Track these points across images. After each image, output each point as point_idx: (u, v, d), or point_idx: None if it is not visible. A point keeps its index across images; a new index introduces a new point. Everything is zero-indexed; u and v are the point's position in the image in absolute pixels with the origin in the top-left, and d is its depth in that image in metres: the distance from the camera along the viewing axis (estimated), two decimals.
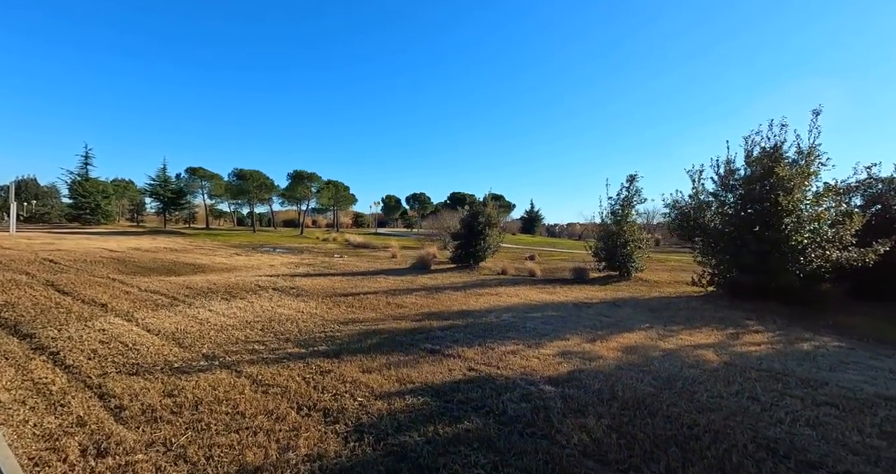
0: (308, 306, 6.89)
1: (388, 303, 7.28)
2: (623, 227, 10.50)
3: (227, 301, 7.15)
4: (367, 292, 8.53)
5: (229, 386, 3.46)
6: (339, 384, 3.54)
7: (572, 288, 9.50)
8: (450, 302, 7.53)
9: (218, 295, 7.67)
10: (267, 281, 9.72)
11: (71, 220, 43.07)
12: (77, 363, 3.93)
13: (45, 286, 8.16)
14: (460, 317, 6.31)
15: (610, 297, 8.21)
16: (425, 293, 8.49)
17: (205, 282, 9.11)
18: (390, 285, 9.63)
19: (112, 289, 8.00)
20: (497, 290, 8.89)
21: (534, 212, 73.37)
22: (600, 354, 4.35)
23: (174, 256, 15.63)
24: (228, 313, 6.18)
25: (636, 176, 10.56)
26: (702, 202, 8.74)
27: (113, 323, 5.39)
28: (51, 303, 6.54)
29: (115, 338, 4.71)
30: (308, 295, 8.03)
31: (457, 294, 8.43)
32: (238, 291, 8.14)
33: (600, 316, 6.41)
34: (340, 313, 6.42)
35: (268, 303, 7.09)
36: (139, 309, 6.28)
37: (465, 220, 13.41)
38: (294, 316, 6.12)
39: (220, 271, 11.71)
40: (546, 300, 7.84)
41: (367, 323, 5.84)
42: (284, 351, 4.46)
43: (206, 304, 6.78)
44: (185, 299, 7.16)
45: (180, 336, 4.91)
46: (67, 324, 5.25)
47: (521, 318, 6.15)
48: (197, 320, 5.69)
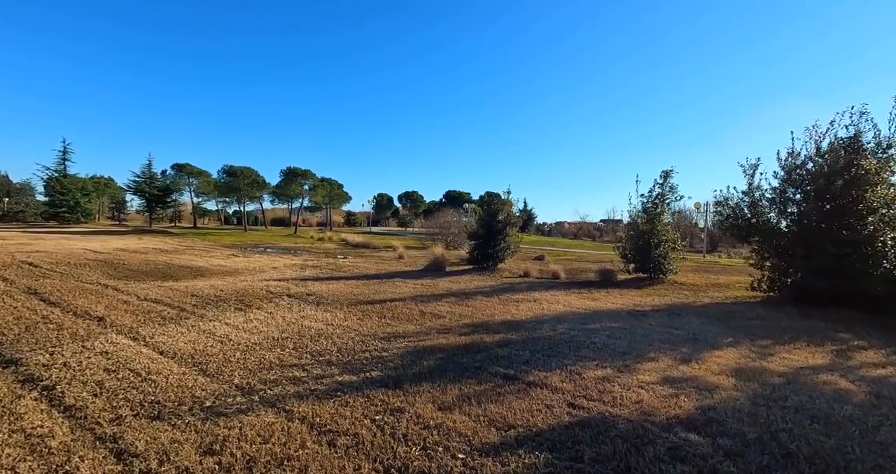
0: (335, 317, 6.12)
1: (423, 313, 6.54)
2: (656, 227, 9.93)
3: (242, 312, 6.33)
4: (391, 299, 7.78)
5: (284, 436, 2.71)
6: (422, 429, 2.81)
7: (609, 292, 8.88)
8: (489, 310, 6.83)
9: (229, 304, 6.84)
10: (277, 286, 8.89)
11: (48, 219, 41.05)
12: (80, 402, 3.11)
13: (26, 294, 7.20)
14: (510, 329, 5.62)
15: (661, 304, 7.60)
16: (456, 300, 7.78)
17: (210, 289, 8.23)
18: (413, 290, 8.89)
19: (106, 297, 7.09)
20: (532, 296, 8.22)
21: (527, 210, 73.08)
22: (711, 382, 3.69)
23: (167, 258, 14.60)
24: (249, 328, 5.37)
25: (671, 171, 10.00)
26: (757, 199, 8.15)
27: (116, 343, 4.55)
28: (36, 316, 5.63)
29: (123, 365, 3.88)
30: (329, 303, 7.25)
31: (490, 300, 7.74)
32: (251, 299, 7.31)
33: (668, 328, 5.78)
34: (375, 326, 5.67)
35: (289, 313, 6.29)
36: (144, 323, 5.43)
37: (483, 219, 12.72)
38: (325, 330, 5.35)
39: (221, 275, 10.80)
40: (593, 307, 7.19)
41: (411, 338, 5.11)
42: (332, 378, 3.71)
43: (219, 316, 5.96)
44: (194, 310, 6.31)
45: (201, 359, 4.11)
46: (61, 346, 4.39)
47: (582, 331, 5.48)
48: (215, 337, 4.88)
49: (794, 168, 7.80)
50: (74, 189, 40.48)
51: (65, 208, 39.88)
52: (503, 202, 12.73)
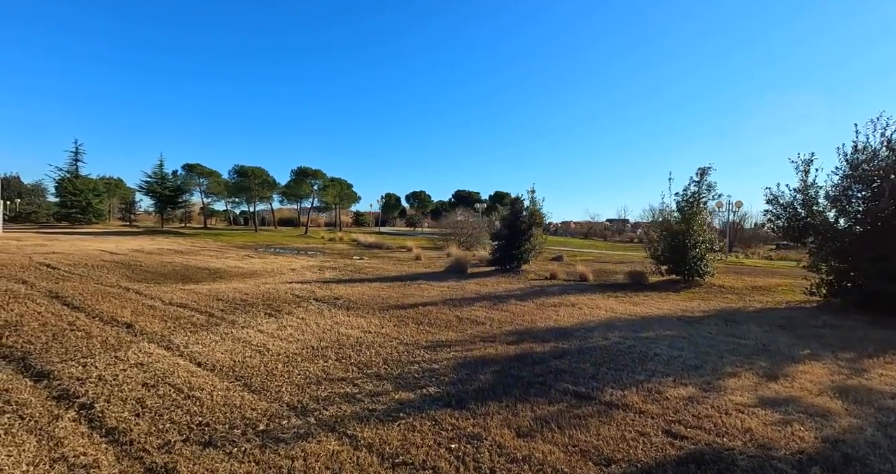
0: (370, 323, 5.81)
1: (460, 319, 6.22)
2: (692, 227, 9.51)
3: (272, 317, 6.05)
4: (422, 303, 7.47)
5: (355, 469, 2.40)
6: (509, 463, 2.49)
7: (648, 296, 8.50)
8: (528, 316, 6.49)
9: (258, 309, 6.56)
10: (301, 289, 8.62)
11: (59, 220, 41.33)
12: (123, 424, 2.83)
13: (49, 298, 6.98)
14: (559, 337, 5.28)
15: (710, 310, 7.16)
16: (489, 304, 7.45)
17: (233, 292, 7.98)
18: (441, 293, 8.57)
19: (130, 301, 6.85)
20: (568, 300, 7.87)
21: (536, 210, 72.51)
22: (818, 405, 3.28)
23: (183, 259, 14.42)
24: (284, 335, 5.08)
25: (709, 169, 9.57)
26: (811, 197, 7.65)
27: (150, 353, 4.28)
28: (62, 322, 5.39)
29: (162, 379, 3.60)
30: (360, 307, 6.95)
31: (526, 305, 7.40)
32: (278, 303, 7.04)
33: (730, 337, 5.40)
34: (414, 333, 5.36)
35: (321, 319, 6.00)
36: (174, 331, 5.16)
37: (507, 219, 12.37)
38: (364, 338, 5.05)
39: (241, 277, 10.56)
40: (638, 313, 6.82)
41: (456, 347, 4.79)
42: (388, 396, 3.40)
43: (251, 322, 5.68)
44: (223, 316, 6.04)
45: (243, 372, 3.82)
46: (93, 357, 4.12)
47: (638, 340, 5.13)
48: (252, 347, 4.60)
49: (860, 163, 7.28)
50: (86, 190, 40.69)
51: (77, 209, 40.12)
52: (517, 200, 12.27)
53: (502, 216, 12.56)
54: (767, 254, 29.81)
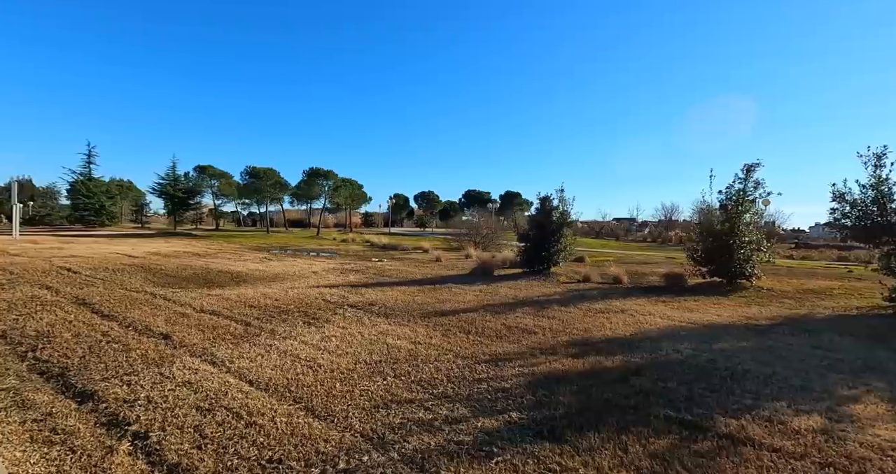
0: (416, 333, 5.46)
1: (508, 328, 5.85)
2: (737, 226, 9.02)
3: (311, 326, 5.72)
4: (461, 309, 7.11)
5: None
6: None
7: (697, 300, 8.04)
8: (578, 323, 6.09)
9: (294, 316, 6.24)
10: (331, 294, 8.30)
11: (73, 222, 41.56)
12: (186, 460, 2.49)
13: (76, 305, 6.72)
14: (624, 349, 4.89)
15: (775, 317, 6.60)
16: (532, 310, 7.06)
17: (263, 298, 7.68)
18: (477, 299, 8.21)
19: (160, 309, 6.57)
20: (613, 305, 7.46)
21: None
22: None
23: (202, 262, 14.19)
24: (330, 347, 4.74)
25: (756, 165, 9.05)
26: (885, 193, 7.11)
27: (195, 369, 3.96)
28: (96, 333, 5.10)
29: (216, 401, 3.27)
30: (398, 314, 6.61)
31: (571, 311, 7.00)
32: (313, 310, 6.71)
33: (817, 350, 4.91)
34: (467, 344, 4.99)
35: (362, 328, 5.66)
36: (214, 342, 4.84)
37: (535, 219, 11.94)
38: (416, 351, 4.69)
39: (265, 281, 10.27)
40: (697, 320, 6.38)
41: (518, 361, 4.42)
42: (469, 423, 3.03)
43: (290, 332, 5.35)
44: (260, 324, 5.72)
45: (300, 392, 3.48)
46: (136, 373, 3.81)
47: (716, 354, 4.69)
48: (300, 361, 4.26)
49: None
50: (99, 192, 40.86)
51: (90, 211, 40.31)
52: (545, 199, 11.78)
53: (530, 216, 12.14)
54: (788, 253, 29.10)
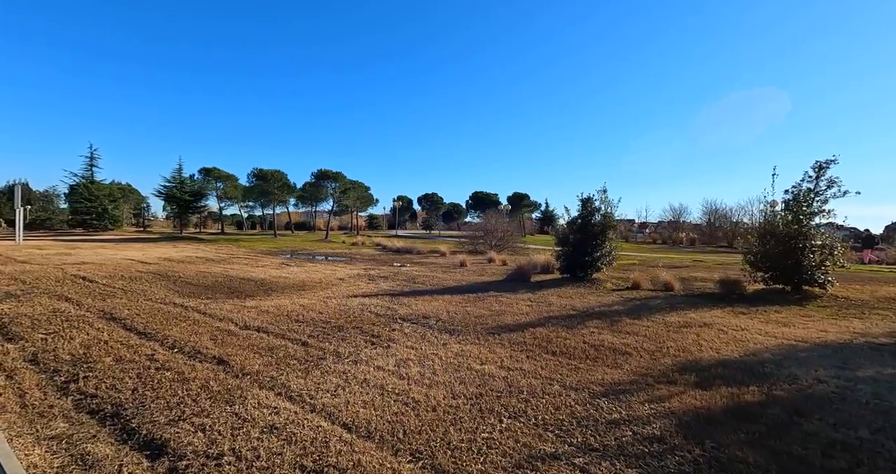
0: (497, 355, 4.85)
1: (594, 347, 5.24)
2: (808, 229, 8.42)
3: (376, 346, 5.10)
4: (524, 323, 6.52)
5: None
6: None
7: (780, 311, 7.32)
8: (670, 342, 5.47)
9: (349, 333, 5.63)
10: (374, 305, 7.69)
11: (74, 227, 40.80)
12: None
13: (106, 321, 6.10)
14: (749, 376, 4.24)
15: (894, 332, 6.05)
16: (605, 324, 6.46)
17: (304, 310, 7.07)
18: (532, 310, 7.61)
19: (199, 325, 5.95)
20: (689, 317, 6.85)
21: (549, 211, 71.67)
22: None
23: (220, 269, 13.56)
24: (412, 374, 4.13)
25: (830, 162, 8.42)
26: None
27: (274, 407, 3.34)
28: (139, 356, 4.48)
29: (320, 458, 2.65)
30: (460, 330, 6.00)
31: (649, 325, 6.39)
32: (366, 325, 6.11)
33: None
34: (564, 370, 4.38)
35: (434, 348, 5.05)
36: (278, 368, 4.23)
37: (575, 222, 11.33)
38: (513, 379, 4.08)
39: (295, 289, 9.65)
40: (805, 338, 5.66)
41: (639, 394, 3.80)
42: None
43: (356, 354, 4.74)
44: (318, 344, 5.11)
45: (412, 441, 2.87)
46: (205, 414, 3.19)
47: (875, 386, 3.98)
48: (389, 394, 3.65)
49: None
50: (102, 195, 40.15)
51: (93, 215, 39.60)
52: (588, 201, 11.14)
53: (569, 219, 11.54)
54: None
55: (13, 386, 3.71)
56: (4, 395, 3.50)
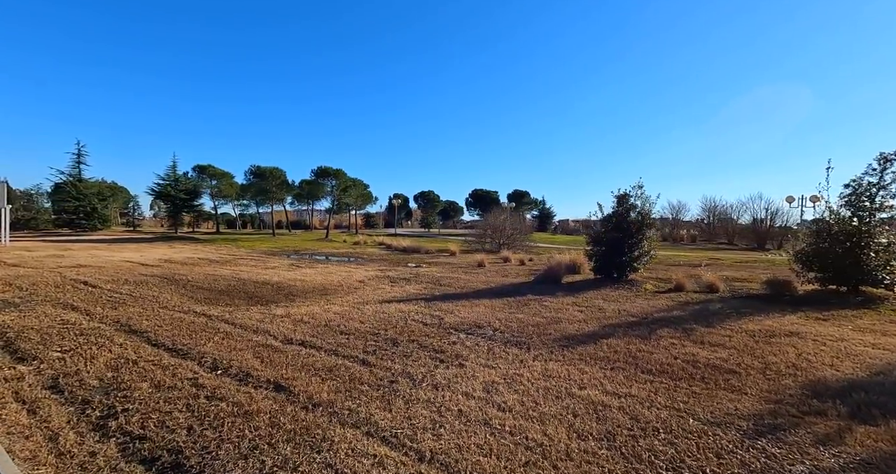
0: (589, 376, 4.25)
1: (692, 364, 4.66)
2: (870, 227, 7.94)
3: (447, 365, 4.47)
4: (590, 333, 5.94)
5: None
6: None
7: (858, 315, 6.80)
8: (769, 356, 4.90)
9: (408, 348, 4.99)
10: (414, 312, 7.07)
11: (60, 226, 39.33)
12: None
13: (125, 335, 5.38)
14: None
15: None
16: (679, 333, 5.90)
17: (342, 319, 6.42)
18: (586, 316, 7.04)
19: (233, 338, 5.26)
20: (767, 325, 6.31)
21: (546, 209, 71.49)
22: None
23: (228, 271, 12.78)
24: (511, 404, 3.52)
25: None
26: None
27: (373, 454, 2.70)
28: (180, 381, 3.80)
29: None
30: (524, 342, 5.40)
31: (731, 335, 5.82)
32: (418, 337, 5.48)
33: None
34: (682, 396, 3.79)
35: (513, 367, 4.44)
36: (350, 396, 3.58)
37: (610, 220, 10.77)
38: (634, 411, 3.49)
39: (318, 294, 8.97)
40: None
41: (796, 431, 3.20)
42: None
43: (430, 376, 4.10)
44: (380, 362, 4.46)
45: None
46: (290, 465, 2.54)
47: None
48: (498, 431, 3.03)
49: None
50: (90, 194, 38.75)
51: (80, 215, 38.18)
52: (624, 197, 10.57)
53: (604, 216, 10.98)
54: None
55: (40, 424, 3.02)
56: (33, 439, 2.81)
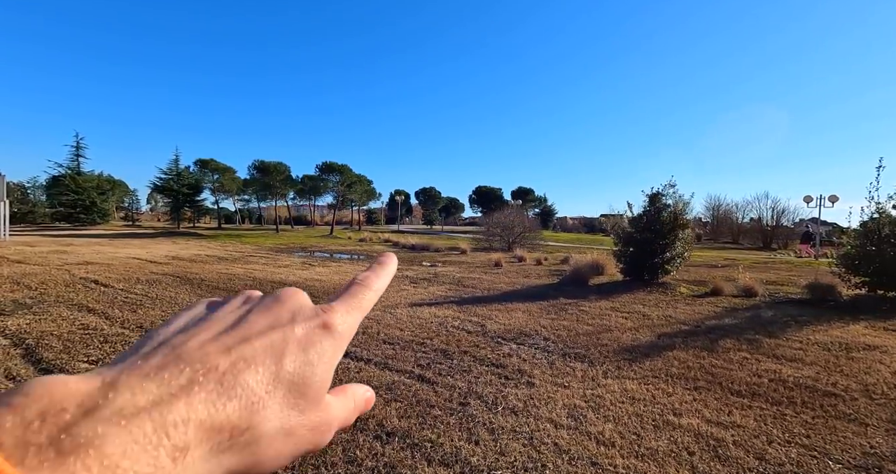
0: (674, 398, 3.86)
1: (783, 384, 4.28)
2: None
3: (516, 383, 4.06)
4: (645, 344, 5.55)
5: None
6: None
7: None
8: (864, 375, 4.48)
9: (464, 361, 4.57)
10: (449, 316, 6.67)
11: (59, 220, 38.66)
12: None
13: None
14: None
15: None
16: (743, 345, 5.51)
17: (378, 326, 6.00)
18: (632, 324, 6.65)
19: None
20: (834, 336, 5.90)
21: (548, 206, 71.16)
22: None
23: (241, 270, 12.34)
24: (606, 434, 3.11)
25: None
26: None
27: None
28: None
29: None
30: (580, 354, 4.99)
31: (798, 348, 5.43)
32: (468, 347, 5.06)
33: None
34: (794, 430, 3.40)
35: (590, 387, 4.04)
36: (425, 423, 3.16)
37: (641, 220, 10.37)
38: (753, 447, 3.08)
39: None
40: None
41: None
42: None
43: (503, 398, 3.69)
44: (442, 380, 4.04)
45: None
46: None
47: None
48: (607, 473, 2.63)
49: None
50: (90, 187, 38.05)
51: (80, 209, 37.50)
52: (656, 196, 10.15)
53: (632, 216, 10.58)
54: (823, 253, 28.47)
55: None
56: None
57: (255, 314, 0.27)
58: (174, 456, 0.19)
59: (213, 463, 0.21)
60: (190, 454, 0.19)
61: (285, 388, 0.24)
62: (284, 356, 0.25)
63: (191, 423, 0.20)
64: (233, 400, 0.22)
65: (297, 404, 0.25)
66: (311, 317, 0.28)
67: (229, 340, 0.24)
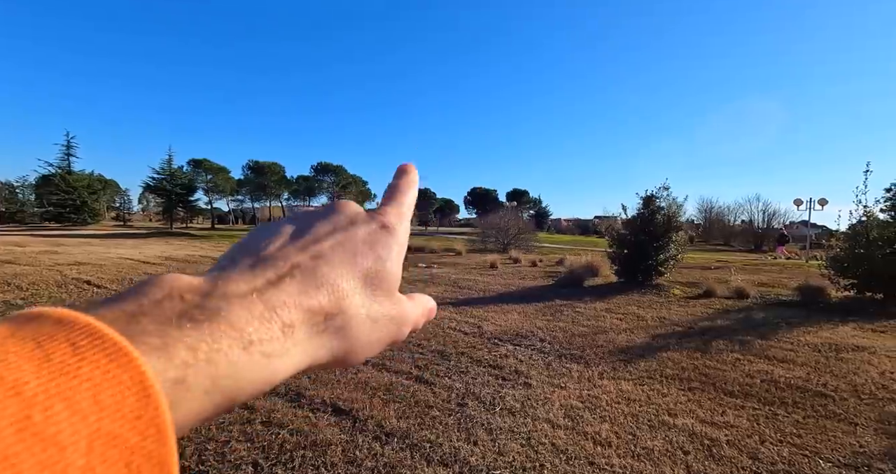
0: (669, 399, 3.92)
1: (774, 385, 4.35)
2: None
3: (513, 384, 4.10)
4: (639, 345, 5.62)
5: None
6: None
7: None
8: (853, 376, 4.54)
9: (461, 362, 4.60)
10: (445, 318, 6.69)
11: (48, 220, 38.17)
12: None
13: None
14: None
15: None
16: (735, 347, 5.60)
17: None
18: (626, 325, 6.73)
19: None
20: (824, 337, 6.00)
21: (542, 208, 71.45)
22: None
23: None
24: (603, 435, 3.15)
25: None
26: None
27: None
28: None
29: None
30: (576, 355, 5.05)
31: (789, 349, 5.52)
32: (464, 348, 5.09)
33: None
34: (785, 429, 3.46)
35: (586, 388, 4.09)
36: (423, 424, 3.18)
37: (635, 222, 10.47)
38: (747, 447, 3.13)
39: None
40: None
41: None
42: None
43: (500, 398, 3.72)
44: (439, 381, 4.06)
45: None
46: None
47: None
48: (604, 473, 2.67)
49: None
50: (80, 187, 37.62)
51: (70, 208, 37.06)
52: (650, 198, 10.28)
53: (627, 217, 10.68)
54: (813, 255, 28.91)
55: None
56: None
57: (318, 221, 0.30)
58: (284, 331, 0.22)
59: (315, 343, 0.24)
60: (296, 331, 0.23)
61: (362, 281, 0.27)
62: (356, 253, 0.28)
63: (292, 305, 0.23)
64: (320, 289, 0.25)
65: (374, 295, 0.27)
66: (368, 220, 0.31)
67: (302, 243, 0.27)
